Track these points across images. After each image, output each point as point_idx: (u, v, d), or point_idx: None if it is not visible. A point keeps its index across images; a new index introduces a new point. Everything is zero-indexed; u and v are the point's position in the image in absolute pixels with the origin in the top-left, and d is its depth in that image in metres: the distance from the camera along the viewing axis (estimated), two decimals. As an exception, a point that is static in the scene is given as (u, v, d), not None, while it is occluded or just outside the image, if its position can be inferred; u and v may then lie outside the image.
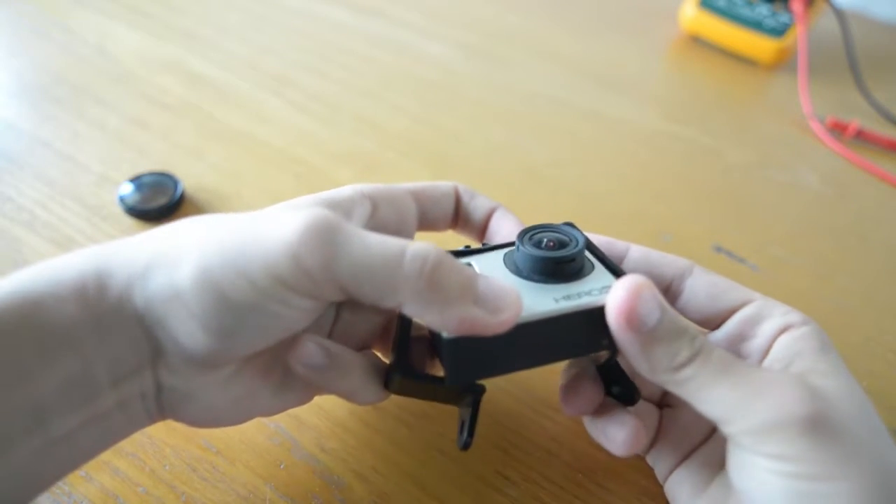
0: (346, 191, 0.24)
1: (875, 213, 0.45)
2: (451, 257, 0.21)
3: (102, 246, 0.22)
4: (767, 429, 0.20)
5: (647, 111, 0.52)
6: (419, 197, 0.27)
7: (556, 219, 0.27)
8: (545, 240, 0.25)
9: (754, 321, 0.24)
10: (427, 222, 0.28)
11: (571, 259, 0.24)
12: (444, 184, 0.28)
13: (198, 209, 0.40)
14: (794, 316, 0.24)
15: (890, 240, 0.42)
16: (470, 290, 0.20)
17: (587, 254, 0.26)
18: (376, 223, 0.25)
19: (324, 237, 0.19)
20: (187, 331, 0.20)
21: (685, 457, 0.26)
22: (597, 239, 0.27)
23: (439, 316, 0.20)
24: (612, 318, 0.21)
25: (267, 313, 0.20)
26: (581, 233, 0.26)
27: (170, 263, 0.20)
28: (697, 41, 0.61)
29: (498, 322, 0.20)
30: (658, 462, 0.27)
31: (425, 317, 0.21)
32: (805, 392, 0.21)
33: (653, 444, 0.27)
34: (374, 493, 0.27)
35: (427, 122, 0.49)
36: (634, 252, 0.27)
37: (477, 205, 0.28)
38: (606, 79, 0.55)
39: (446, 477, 0.28)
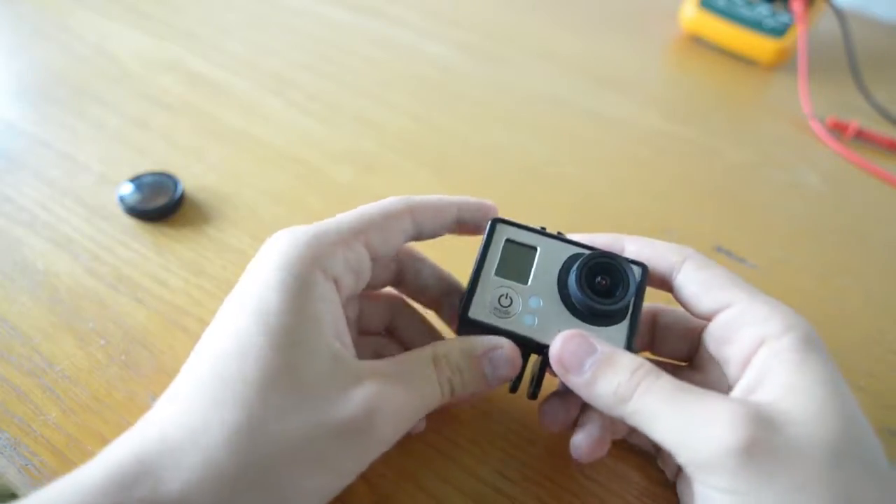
0: (390, 204, 0.26)
1: (875, 213, 0.45)
2: None
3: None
4: (709, 462, 0.20)
5: (646, 111, 0.52)
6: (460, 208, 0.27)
7: (555, 219, 0.27)
8: (599, 278, 0.25)
9: (734, 326, 0.23)
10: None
11: (614, 312, 0.25)
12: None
13: (198, 209, 0.40)
14: (774, 324, 0.22)
15: (890, 240, 0.42)
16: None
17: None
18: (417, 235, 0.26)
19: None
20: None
21: None
22: (600, 239, 0.27)
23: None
24: (555, 366, 0.24)
25: None
26: (634, 276, 0.25)
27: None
28: (697, 41, 0.61)
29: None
30: (666, 466, 0.28)
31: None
32: (743, 421, 0.20)
33: (659, 449, 0.28)
34: (374, 493, 0.27)
35: (427, 122, 0.49)
36: (631, 244, 0.27)
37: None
38: (606, 79, 0.55)
39: (446, 477, 0.28)
